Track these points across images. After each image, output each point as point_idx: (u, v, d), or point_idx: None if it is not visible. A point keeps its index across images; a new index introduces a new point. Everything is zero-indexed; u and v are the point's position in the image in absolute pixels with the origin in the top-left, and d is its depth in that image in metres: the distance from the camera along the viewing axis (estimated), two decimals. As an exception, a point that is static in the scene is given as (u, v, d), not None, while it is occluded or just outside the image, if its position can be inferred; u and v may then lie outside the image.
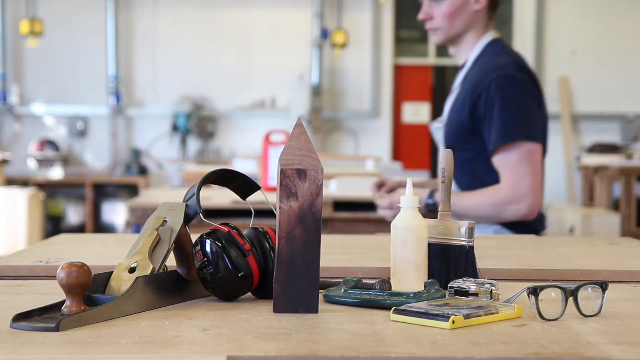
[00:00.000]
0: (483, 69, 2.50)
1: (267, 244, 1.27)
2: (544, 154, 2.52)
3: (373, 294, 1.24)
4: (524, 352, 0.96)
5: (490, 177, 2.49)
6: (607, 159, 7.74)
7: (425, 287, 1.25)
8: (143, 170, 9.54)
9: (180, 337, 1.03)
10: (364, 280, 1.33)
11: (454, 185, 2.58)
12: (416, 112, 10.03)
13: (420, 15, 2.62)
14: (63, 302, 1.12)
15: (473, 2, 2.58)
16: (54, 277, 1.18)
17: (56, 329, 1.05)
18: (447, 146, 2.56)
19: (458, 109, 2.53)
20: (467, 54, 2.62)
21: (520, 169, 2.41)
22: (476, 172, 2.53)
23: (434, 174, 8.93)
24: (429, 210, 2.46)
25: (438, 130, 2.66)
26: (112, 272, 1.24)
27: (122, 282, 1.21)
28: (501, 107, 2.42)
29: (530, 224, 2.52)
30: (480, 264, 1.39)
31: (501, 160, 2.44)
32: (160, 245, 1.26)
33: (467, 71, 2.59)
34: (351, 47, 9.66)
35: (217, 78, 9.74)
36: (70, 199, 9.40)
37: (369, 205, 3.44)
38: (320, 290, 1.23)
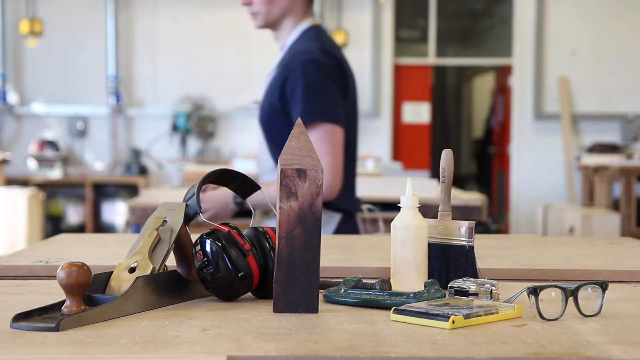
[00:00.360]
0: (293, 53, 2.59)
1: (267, 244, 1.27)
2: (352, 141, 2.63)
3: (373, 294, 1.24)
4: (524, 352, 0.96)
5: None
6: (607, 159, 7.74)
7: (425, 287, 1.25)
8: (143, 170, 9.54)
9: (180, 337, 1.03)
10: (364, 280, 1.33)
11: (270, 166, 2.64)
12: (416, 112, 10.03)
13: (241, 1, 2.70)
14: (63, 302, 1.12)
15: None
16: (54, 277, 1.18)
17: (56, 329, 1.05)
18: (264, 127, 2.65)
19: (271, 92, 2.60)
20: (285, 38, 2.69)
21: (321, 149, 2.49)
22: None
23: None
24: (237, 204, 2.54)
25: (256, 112, 2.74)
26: (112, 272, 1.24)
27: (122, 282, 1.21)
28: (304, 90, 2.51)
29: (339, 205, 2.60)
30: (480, 264, 1.39)
31: None
32: (160, 245, 1.26)
33: (283, 55, 2.66)
34: (351, 47, 9.65)
35: (217, 78, 9.74)
36: (70, 199, 9.40)
37: (369, 205, 3.44)
38: (320, 290, 1.23)
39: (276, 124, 2.59)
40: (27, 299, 1.27)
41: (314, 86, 2.52)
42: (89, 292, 1.17)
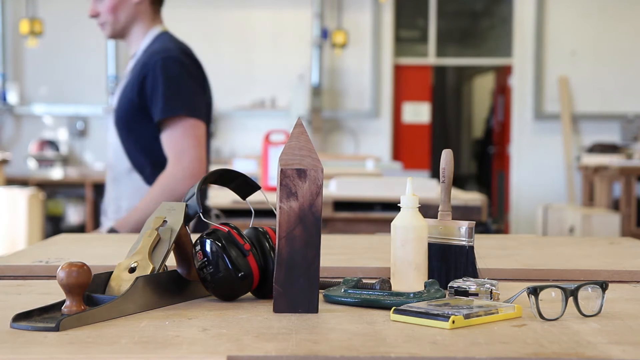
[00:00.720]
0: (150, 53, 2.65)
1: (267, 244, 1.27)
2: (208, 134, 2.69)
3: (373, 294, 1.24)
4: (524, 352, 0.96)
5: (162, 156, 2.61)
6: (607, 159, 7.74)
7: (425, 287, 1.25)
8: (143, 170, 9.53)
9: (180, 337, 1.03)
10: (364, 280, 1.33)
11: (126, 165, 2.67)
12: (416, 112, 10.03)
13: (89, 13, 2.76)
14: (63, 302, 1.12)
15: None
16: (54, 277, 1.18)
17: (56, 329, 1.05)
18: (121, 128, 2.67)
19: (128, 92, 2.65)
20: (137, 45, 2.75)
21: (185, 143, 2.56)
22: (149, 152, 2.64)
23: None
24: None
25: (110, 116, 2.75)
26: (112, 272, 1.24)
27: (122, 282, 1.21)
28: (165, 85, 2.57)
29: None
30: (480, 264, 1.39)
31: (167, 137, 2.59)
32: (160, 245, 1.26)
33: (136, 59, 2.71)
34: (351, 47, 9.66)
35: (217, 78, 9.72)
36: (70, 199, 9.40)
37: (369, 205, 3.44)
38: (320, 290, 1.23)
39: (135, 122, 2.63)
40: (27, 299, 1.27)
41: (175, 82, 2.58)
42: (89, 292, 1.17)
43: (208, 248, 1.23)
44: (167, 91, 2.56)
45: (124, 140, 2.66)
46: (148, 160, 2.64)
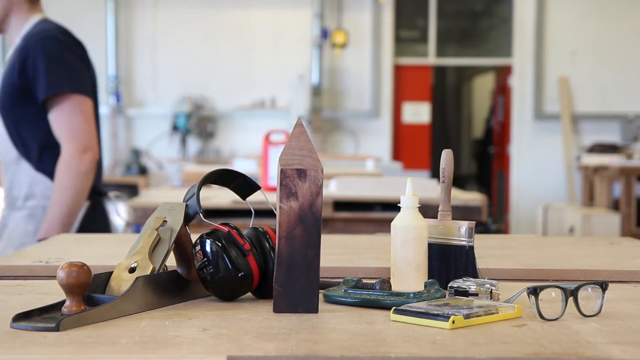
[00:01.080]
0: (28, 37, 2.65)
1: (267, 244, 1.27)
2: (97, 111, 2.70)
3: (373, 294, 1.24)
4: (524, 352, 0.96)
5: (49, 139, 2.61)
6: (607, 159, 7.74)
7: (425, 287, 1.25)
8: (143, 170, 9.54)
9: (180, 337, 1.03)
10: (364, 280, 1.33)
11: (10, 148, 2.65)
12: (416, 112, 10.03)
13: None
14: (63, 302, 1.12)
15: None
16: (54, 277, 1.18)
17: (56, 329, 1.05)
18: (5, 115, 2.65)
19: (9, 77, 2.64)
20: (17, 35, 2.73)
21: (74, 119, 2.57)
22: (35, 136, 2.63)
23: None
24: None
25: None
26: (112, 272, 1.24)
27: (122, 282, 1.21)
28: (46, 64, 2.57)
29: (95, 187, 2.67)
30: (480, 264, 1.39)
31: (55, 115, 2.58)
32: (160, 245, 1.26)
33: (16, 46, 2.70)
34: (351, 47, 9.66)
35: (217, 78, 9.75)
36: (70, 199, 9.39)
37: (369, 205, 3.44)
38: (320, 290, 1.23)
39: (18, 107, 2.62)
40: (27, 299, 1.27)
41: (56, 60, 2.58)
42: (89, 292, 1.17)
43: (208, 248, 1.23)
44: (49, 69, 2.56)
45: (10, 128, 2.65)
46: (35, 144, 2.62)
